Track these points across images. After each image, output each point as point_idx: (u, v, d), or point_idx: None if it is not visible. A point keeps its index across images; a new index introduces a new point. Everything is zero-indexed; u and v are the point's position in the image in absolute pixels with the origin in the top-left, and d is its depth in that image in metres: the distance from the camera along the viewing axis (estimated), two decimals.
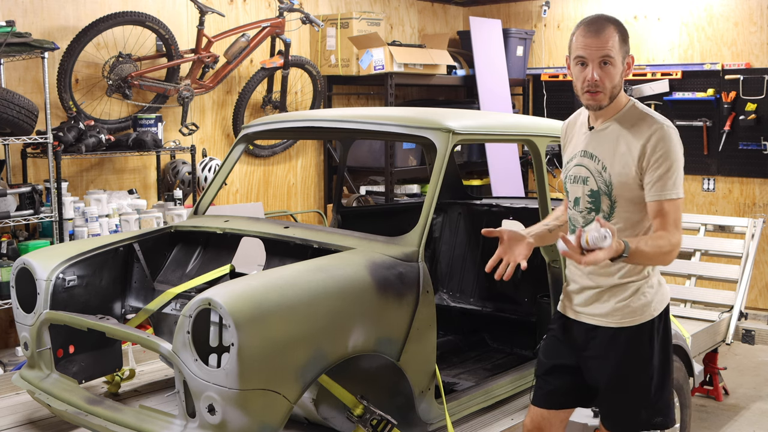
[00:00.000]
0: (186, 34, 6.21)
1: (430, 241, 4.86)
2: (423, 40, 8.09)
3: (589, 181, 2.76)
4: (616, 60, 2.67)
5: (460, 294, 4.74)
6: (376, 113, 3.82)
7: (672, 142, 2.65)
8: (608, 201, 2.72)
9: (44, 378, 3.33)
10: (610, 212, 2.72)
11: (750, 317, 5.90)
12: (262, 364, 2.63)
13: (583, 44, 2.67)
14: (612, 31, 2.67)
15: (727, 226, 5.80)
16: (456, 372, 4.01)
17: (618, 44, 2.67)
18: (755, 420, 5.18)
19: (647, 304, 2.78)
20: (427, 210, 3.22)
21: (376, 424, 3.00)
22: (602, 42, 2.65)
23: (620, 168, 2.68)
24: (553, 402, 2.98)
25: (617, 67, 2.68)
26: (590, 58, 2.66)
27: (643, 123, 2.69)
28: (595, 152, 2.76)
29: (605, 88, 2.68)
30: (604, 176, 2.71)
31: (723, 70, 7.39)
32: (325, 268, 2.95)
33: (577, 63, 2.70)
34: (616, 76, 2.68)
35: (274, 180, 7.05)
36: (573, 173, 2.83)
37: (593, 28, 2.67)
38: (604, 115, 2.77)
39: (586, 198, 2.77)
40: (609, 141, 2.73)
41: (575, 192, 2.82)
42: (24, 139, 4.85)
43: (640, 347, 2.79)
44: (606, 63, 2.66)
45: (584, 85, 2.69)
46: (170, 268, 3.83)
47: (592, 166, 2.75)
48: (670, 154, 2.63)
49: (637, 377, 2.80)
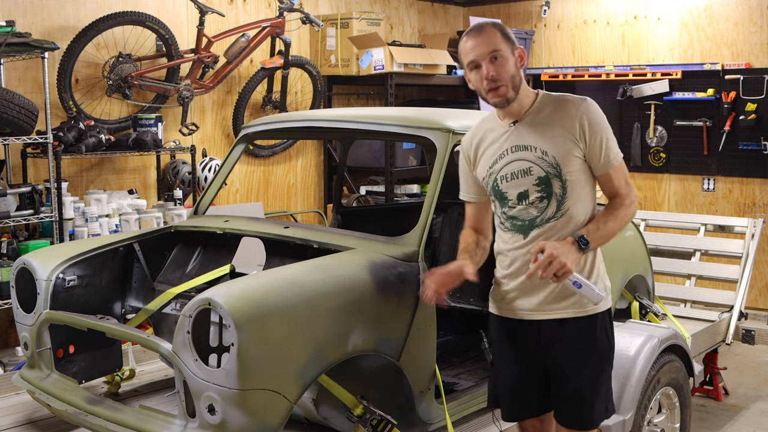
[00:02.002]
0: (186, 34, 6.21)
1: (430, 241, 4.85)
2: (423, 40, 8.09)
3: (533, 170, 2.77)
4: (505, 53, 2.74)
5: (460, 294, 4.74)
6: (376, 113, 3.82)
7: (599, 112, 2.79)
8: (560, 182, 2.75)
9: (44, 378, 3.33)
10: (563, 193, 2.76)
11: (750, 317, 5.90)
12: (262, 364, 2.63)
13: (469, 48, 2.78)
14: (492, 29, 2.77)
15: (727, 226, 5.80)
16: (456, 372, 4.01)
17: (501, 39, 2.76)
18: (755, 420, 5.18)
19: (607, 290, 2.87)
20: (427, 210, 3.22)
21: (376, 424, 3.00)
22: (485, 40, 2.75)
23: (562, 148, 2.74)
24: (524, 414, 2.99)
25: (508, 59, 2.75)
26: (480, 58, 2.75)
27: (566, 104, 2.78)
28: (528, 142, 2.79)
29: (504, 80, 2.74)
30: (548, 160, 2.75)
31: (723, 70, 7.39)
32: (325, 268, 2.95)
33: (471, 69, 2.79)
34: (511, 68, 2.75)
35: (274, 180, 7.05)
36: (509, 170, 2.81)
37: (474, 32, 2.79)
38: (519, 110, 2.81)
39: (534, 188, 2.78)
40: (539, 128, 2.78)
41: (518, 187, 2.80)
42: (24, 139, 4.85)
43: (607, 335, 2.86)
44: (496, 57, 2.73)
45: (485, 85, 2.76)
46: (170, 268, 3.83)
47: (530, 155, 2.78)
48: (601, 124, 2.77)
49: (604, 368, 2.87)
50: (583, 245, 2.65)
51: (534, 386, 2.92)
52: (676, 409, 4.08)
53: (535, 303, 2.84)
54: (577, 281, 2.64)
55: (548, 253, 2.59)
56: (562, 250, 2.59)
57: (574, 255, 2.62)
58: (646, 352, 3.77)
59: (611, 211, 2.78)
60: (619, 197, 2.79)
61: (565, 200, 2.76)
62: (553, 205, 2.77)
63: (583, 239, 2.66)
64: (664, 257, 5.78)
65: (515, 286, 2.87)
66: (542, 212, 2.78)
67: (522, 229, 2.83)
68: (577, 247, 2.64)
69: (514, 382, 2.94)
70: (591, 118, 2.74)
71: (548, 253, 2.59)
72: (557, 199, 2.76)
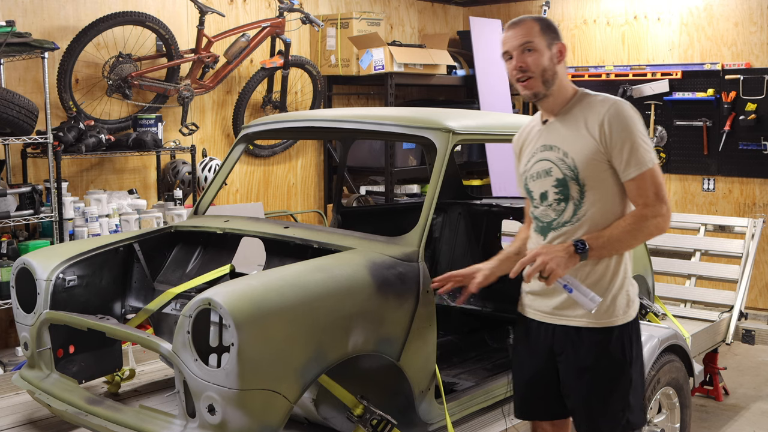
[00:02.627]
0: (186, 34, 6.21)
1: (430, 241, 4.85)
2: (423, 40, 8.09)
3: (553, 171, 2.73)
4: (538, 45, 2.70)
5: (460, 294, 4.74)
6: (376, 113, 3.82)
7: (629, 115, 2.67)
8: (577, 186, 2.69)
9: (44, 378, 3.33)
10: (580, 198, 2.70)
11: (750, 317, 5.90)
12: (262, 364, 2.63)
13: (504, 40, 2.76)
14: (531, 22, 2.75)
15: (727, 226, 5.80)
16: (456, 372, 4.01)
17: (539, 32, 2.72)
18: (755, 420, 5.18)
19: (630, 304, 2.79)
20: (427, 210, 3.22)
21: (376, 424, 3.00)
22: (520, 31, 2.72)
23: (582, 150, 2.68)
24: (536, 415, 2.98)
25: (541, 52, 2.70)
26: (512, 49, 2.73)
27: (595, 103, 2.72)
28: (553, 142, 2.75)
29: (534, 73, 2.71)
30: (567, 162, 2.70)
31: (723, 70, 7.39)
32: (325, 268, 2.95)
33: (505, 59, 2.77)
34: (542, 60, 2.70)
35: (274, 180, 7.05)
36: (535, 170, 2.80)
37: (512, 24, 2.77)
38: (554, 107, 2.78)
39: (553, 189, 2.74)
40: (565, 127, 2.74)
41: (540, 187, 2.78)
42: (24, 139, 4.85)
43: (624, 349, 2.76)
44: (528, 50, 2.71)
45: (514, 75, 2.74)
46: (170, 268, 3.83)
47: (552, 156, 2.74)
48: (630, 126, 2.64)
49: (620, 380, 2.77)
50: (579, 250, 2.59)
51: (545, 388, 2.88)
52: (676, 409, 4.08)
53: (550, 306, 2.81)
54: (568, 285, 2.58)
55: (535, 251, 2.58)
56: (549, 250, 2.58)
57: (562, 257, 2.56)
58: (646, 352, 3.77)
59: (628, 220, 2.66)
60: (644, 207, 2.63)
61: (582, 205, 2.70)
62: (570, 209, 2.72)
63: (580, 243, 2.60)
64: (664, 257, 5.78)
65: (533, 288, 2.86)
66: (559, 215, 2.74)
67: (543, 230, 2.82)
68: (572, 250, 2.59)
69: (527, 381, 2.93)
70: (616, 120, 2.63)
71: (535, 251, 2.58)
72: (574, 203, 2.71)
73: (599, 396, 2.78)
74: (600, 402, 2.78)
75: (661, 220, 2.64)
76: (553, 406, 2.91)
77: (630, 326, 2.79)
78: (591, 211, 2.70)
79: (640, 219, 2.64)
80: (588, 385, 2.78)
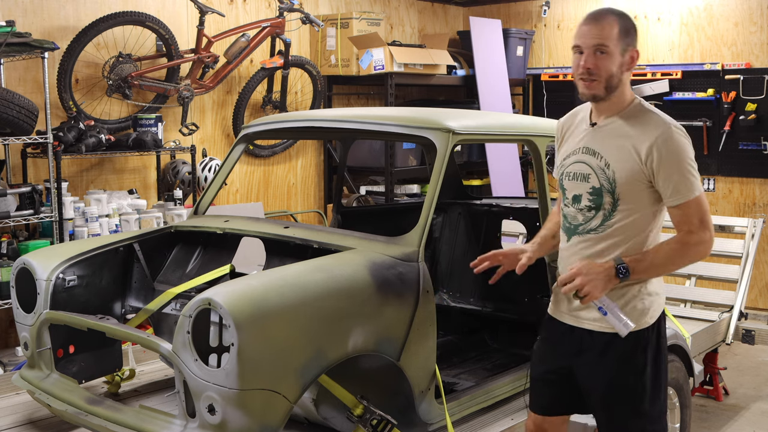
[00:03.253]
0: (186, 34, 6.21)
1: (430, 241, 4.85)
2: (423, 40, 8.09)
3: (591, 178, 2.70)
4: (613, 50, 2.64)
5: (460, 294, 4.74)
6: (376, 113, 3.82)
7: (681, 143, 2.61)
8: (611, 199, 2.66)
9: (44, 378, 3.33)
10: (612, 210, 2.67)
11: (750, 317, 5.90)
12: (262, 364, 2.63)
13: (579, 32, 2.68)
14: (612, 21, 2.66)
15: (727, 226, 5.80)
16: (456, 372, 4.01)
17: (616, 35, 2.64)
18: (755, 420, 5.18)
19: (645, 311, 2.74)
20: (427, 210, 3.22)
21: (376, 424, 3.00)
22: (598, 30, 2.64)
23: (625, 165, 2.63)
24: (550, 409, 2.96)
25: (613, 57, 2.64)
26: (585, 46, 2.65)
27: (650, 122, 2.64)
28: (597, 149, 2.70)
29: (600, 77, 2.64)
30: (607, 173, 2.66)
31: (723, 70, 7.39)
32: (325, 268, 2.95)
33: (575, 52, 2.70)
34: (612, 67, 2.64)
35: (274, 180, 7.05)
36: (573, 170, 2.77)
37: (593, 17, 2.68)
38: (608, 111, 2.72)
39: (587, 196, 2.72)
40: (613, 138, 2.68)
41: (575, 189, 2.76)
42: (24, 139, 4.85)
43: (636, 355, 2.73)
44: (601, 52, 2.63)
45: (578, 72, 2.67)
46: (170, 268, 3.83)
47: (594, 162, 2.70)
48: (680, 155, 2.60)
49: (633, 386, 2.74)
50: (621, 274, 2.57)
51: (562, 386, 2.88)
52: (676, 409, 4.08)
53: (569, 307, 2.81)
54: (603, 308, 2.57)
55: (576, 270, 2.56)
56: (591, 271, 2.55)
57: (602, 280, 2.55)
58: None
59: (672, 245, 2.63)
60: (688, 233, 2.62)
61: (611, 217, 2.68)
62: (598, 218, 2.69)
63: (623, 267, 2.57)
64: None
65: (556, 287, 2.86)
66: (587, 221, 2.72)
67: (568, 231, 2.81)
68: (613, 273, 2.57)
69: (542, 378, 2.93)
70: (665, 148, 2.58)
71: (576, 270, 2.56)
72: (604, 214, 2.68)
73: (612, 399, 2.77)
74: (613, 405, 2.77)
75: (703, 248, 2.64)
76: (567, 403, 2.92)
77: (644, 333, 2.74)
78: (619, 225, 2.68)
79: (684, 245, 2.63)
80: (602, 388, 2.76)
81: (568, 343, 2.83)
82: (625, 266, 2.58)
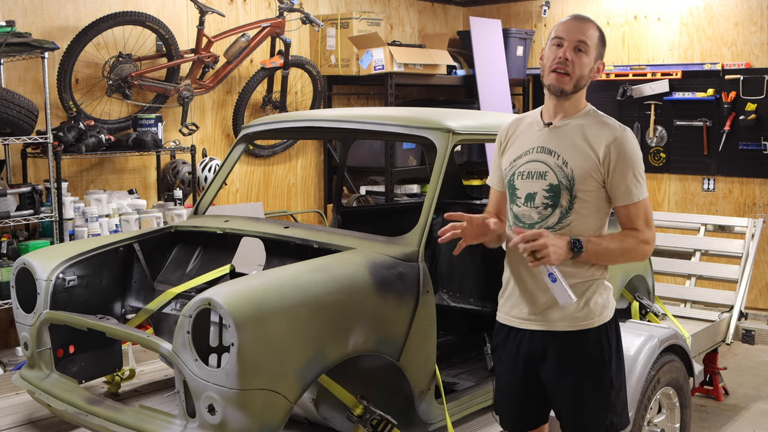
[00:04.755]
0: (186, 34, 6.21)
1: (430, 241, 4.85)
2: (423, 40, 8.09)
3: (548, 175, 2.73)
4: (590, 52, 2.71)
5: (460, 294, 4.74)
6: (376, 113, 3.82)
7: (634, 146, 2.72)
8: (568, 196, 2.70)
9: (44, 378, 3.33)
10: (568, 207, 2.71)
11: (750, 317, 5.90)
12: (262, 364, 2.63)
13: (563, 27, 2.74)
14: (594, 27, 2.75)
15: (727, 226, 5.80)
16: (456, 372, 4.01)
17: (596, 40, 2.73)
18: (755, 420, 5.18)
19: (605, 305, 2.79)
20: (427, 210, 3.22)
21: (376, 424, 3.00)
22: (582, 29, 2.72)
23: (582, 164, 2.69)
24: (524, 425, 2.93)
25: (589, 58, 2.71)
26: (567, 39, 2.70)
27: (605, 126, 2.73)
28: (554, 147, 2.74)
29: (573, 73, 2.69)
30: (565, 171, 2.70)
31: (723, 70, 7.39)
32: (325, 268, 2.95)
33: (553, 44, 2.74)
34: (585, 68, 2.71)
35: (274, 180, 7.05)
36: (527, 169, 2.78)
37: (578, 16, 2.77)
38: (565, 112, 2.77)
39: (543, 193, 2.74)
40: (569, 137, 2.73)
41: (528, 188, 2.77)
42: (24, 139, 4.85)
43: (602, 348, 2.76)
44: (580, 50, 2.70)
45: (553, 63, 2.70)
46: (170, 268, 3.83)
47: (551, 161, 2.73)
48: (632, 158, 2.69)
49: (599, 381, 2.76)
50: (575, 248, 2.62)
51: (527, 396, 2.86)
52: (676, 409, 4.08)
53: (526, 312, 2.80)
54: (553, 274, 2.60)
55: (540, 232, 2.58)
56: (552, 238, 2.59)
57: (561, 249, 2.59)
58: (646, 352, 3.77)
59: (620, 236, 2.73)
60: (634, 230, 2.73)
61: (568, 215, 2.71)
62: (555, 216, 2.72)
63: (578, 243, 2.63)
64: (664, 257, 5.78)
65: (511, 292, 2.86)
66: (543, 219, 2.74)
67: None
68: (569, 247, 2.62)
69: (514, 393, 2.88)
70: (622, 149, 2.67)
71: (540, 232, 2.58)
72: (561, 212, 2.72)
73: (581, 398, 2.78)
74: (582, 404, 2.78)
75: (648, 247, 2.74)
76: (538, 414, 2.90)
77: (607, 327, 2.79)
78: (575, 222, 2.71)
79: (632, 240, 2.71)
80: (570, 388, 2.77)
81: (530, 349, 2.80)
82: (580, 243, 2.63)
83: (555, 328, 2.76)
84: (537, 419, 2.93)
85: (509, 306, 2.87)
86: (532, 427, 2.94)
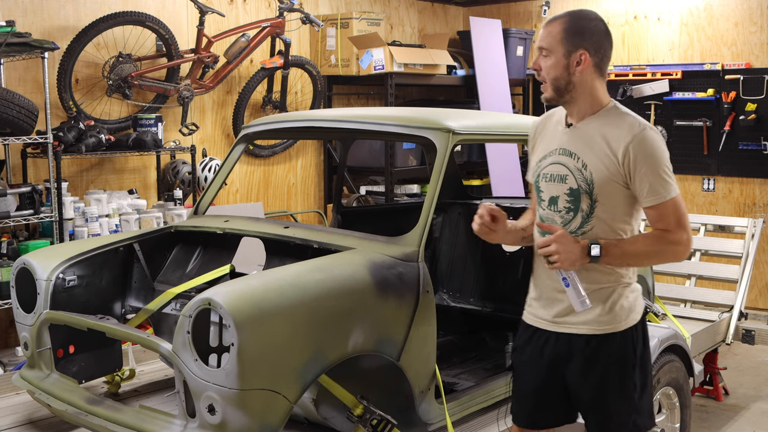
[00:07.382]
0: (186, 34, 6.21)
1: (430, 241, 4.85)
2: (423, 40, 8.09)
3: (568, 179, 2.69)
4: (553, 53, 2.65)
5: (460, 294, 4.74)
6: (376, 113, 3.82)
7: (656, 143, 2.62)
8: (588, 200, 2.65)
9: (44, 378, 3.33)
10: (589, 212, 2.66)
11: (750, 317, 5.90)
12: (262, 364, 2.63)
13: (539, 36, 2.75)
14: (557, 24, 2.67)
15: (727, 226, 5.81)
16: (456, 372, 4.01)
17: (560, 39, 2.65)
18: (755, 420, 5.18)
19: (631, 308, 2.75)
20: (427, 210, 3.22)
21: (376, 424, 3.00)
22: (543, 33, 2.70)
23: (602, 166, 2.63)
24: (539, 422, 2.91)
25: (554, 60, 2.65)
26: (537, 48, 2.73)
27: (625, 124, 2.65)
28: (574, 149, 2.69)
29: (545, 79, 2.68)
30: (584, 174, 2.65)
31: (723, 70, 7.39)
32: (325, 268, 2.95)
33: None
34: (552, 70, 2.65)
35: (274, 180, 7.05)
36: (549, 171, 2.75)
37: (546, 22, 2.73)
38: (583, 113, 2.71)
39: (565, 198, 2.70)
40: (589, 138, 2.68)
41: (552, 191, 2.74)
42: (24, 139, 4.85)
43: (626, 352, 2.73)
44: (544, 55, 2.68)
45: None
46: (170, 268, 3.83)
47: (571, 163, 2.69)
48: (656, 155, 2.61)
49: (624, 384, 2.74)
50: (592, 255, 2.57)
51: (548, 396, 2.84)
52: (676, 409, 4.08)
53: (551, 315, 2.77)
54: (567, 279, 2.58)
55: (554, 237, 2.56)
56: (565, 241, 2.55)
57: (573, 254, 2.55)
58: None
59: (648, 238, 2.63)
60: (663, 231, 2.61)
61: (590, 219, 2.66)
62: (577, 220, 2.68)
63: (597, 247, 2.57)
64: None
65: (537, 294, 2.83)
66: (566, 223, 2.70)
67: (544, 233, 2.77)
68: (586, 252, 2.57)
69: (530, 389, 2.86)
70: (642, 149, 2.58)
71: (554, 237, 2.56)
72: (582, 216, 2.67)
73: (605, 400, 2.75)
74: (607, 405, 2.76)
75: (681, 248, 2.62)
76: (557, 414, 2.88)
77: (633, 330, 2.75)
78: (598, 226, 2.66)
79: (659, 240, 2.62)
80: (594, 390, 2.75)
81: (555, 350, 2.78)
82: (600, 247, 2.58)
83: (580, 331, 2.73)
84: (553, 420, 2.91)
85: (535, 307, 2.85)
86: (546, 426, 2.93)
